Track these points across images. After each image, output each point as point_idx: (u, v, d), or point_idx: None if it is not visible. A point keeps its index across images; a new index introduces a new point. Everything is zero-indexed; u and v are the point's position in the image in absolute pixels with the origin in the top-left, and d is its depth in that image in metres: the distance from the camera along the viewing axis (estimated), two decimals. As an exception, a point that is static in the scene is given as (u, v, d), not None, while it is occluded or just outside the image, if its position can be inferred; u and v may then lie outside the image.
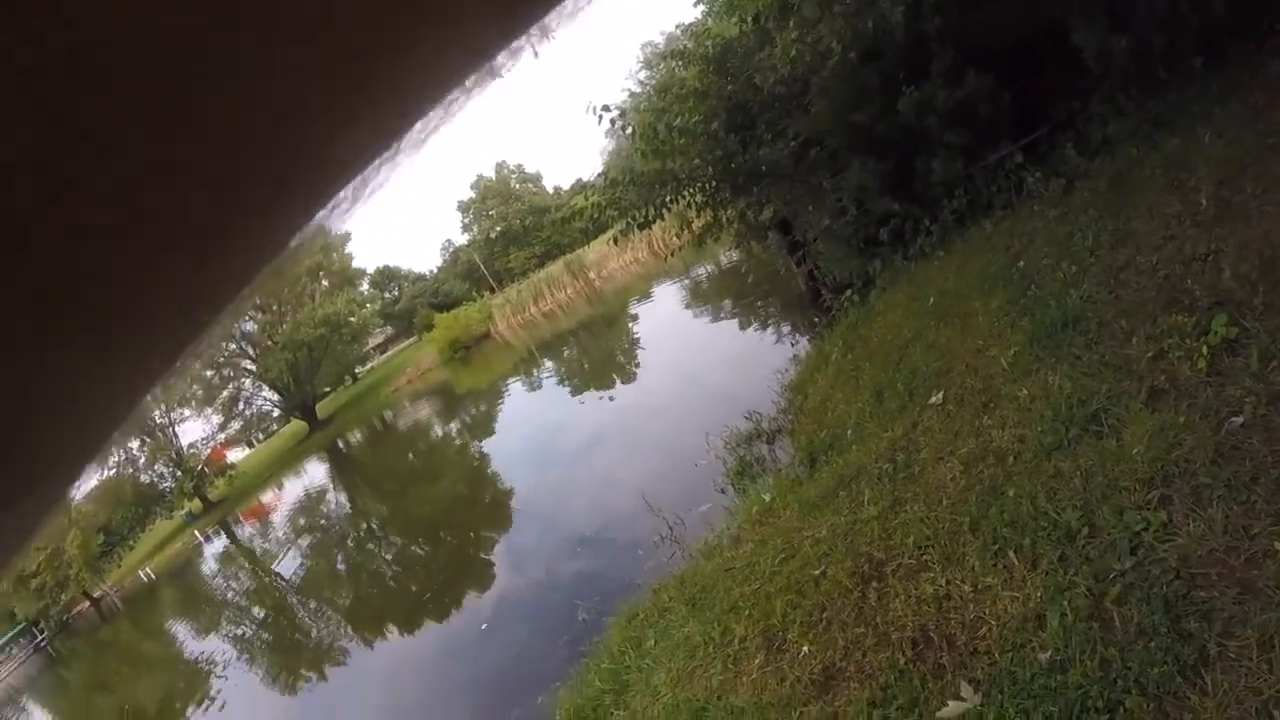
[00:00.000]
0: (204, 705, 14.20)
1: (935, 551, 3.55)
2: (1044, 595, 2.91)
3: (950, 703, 2.82)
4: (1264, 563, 2.56)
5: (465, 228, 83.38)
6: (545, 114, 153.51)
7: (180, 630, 26.39)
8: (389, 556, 16.63)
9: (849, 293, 8.87)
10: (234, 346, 67.30)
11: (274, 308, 65.75)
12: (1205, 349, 3.47)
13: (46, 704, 32.09)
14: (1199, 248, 4.18)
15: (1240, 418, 3.07)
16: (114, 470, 60.73)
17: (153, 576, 49.23)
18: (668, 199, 9.75)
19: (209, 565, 37.73)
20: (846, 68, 7.99)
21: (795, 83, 8.85)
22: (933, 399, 5.06)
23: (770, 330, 13.59)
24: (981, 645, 2.96)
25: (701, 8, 13.30)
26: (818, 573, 4.06)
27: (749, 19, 10.11)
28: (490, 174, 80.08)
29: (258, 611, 20.13)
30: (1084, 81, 7.05)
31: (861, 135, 8.05)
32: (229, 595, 25.79)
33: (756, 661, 3.82)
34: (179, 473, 61.72)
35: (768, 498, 5.83)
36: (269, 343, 65.29)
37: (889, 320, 7.16)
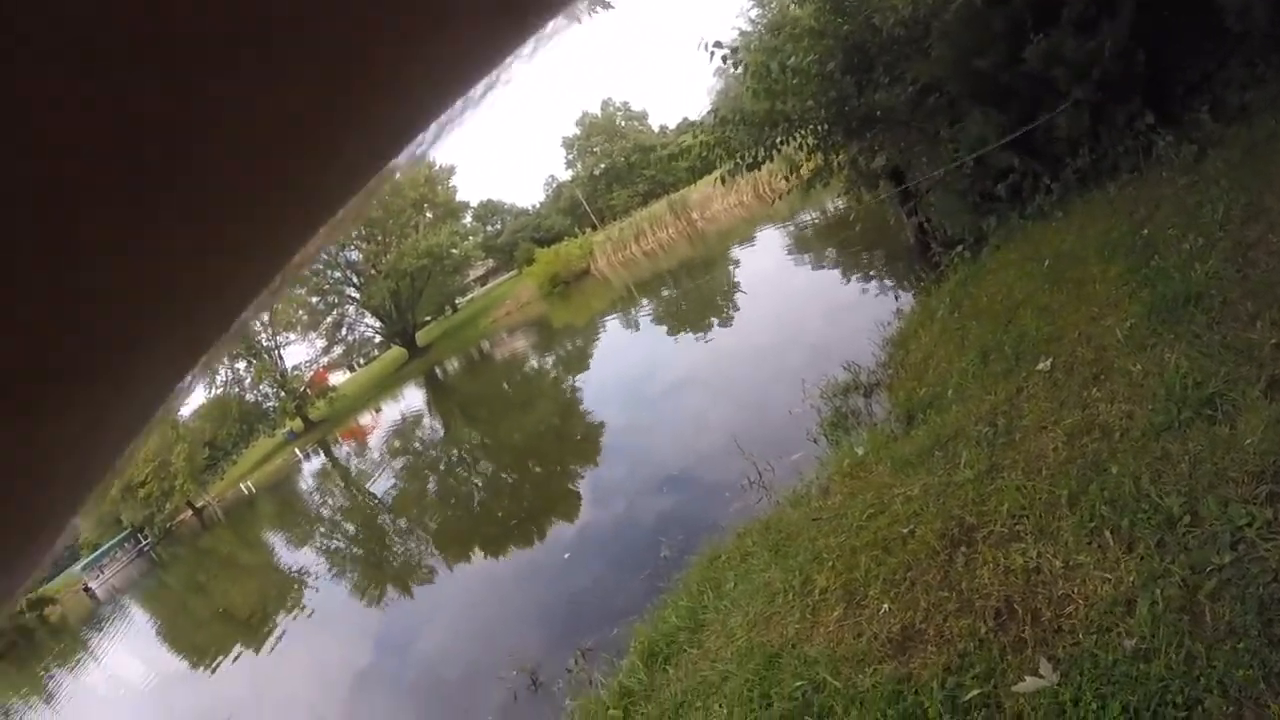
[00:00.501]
0: (294, 613, 15.02)
1: (1029, 522, 3.50)
2: (1137, 580, 2.85)
3: (1028, 678, 2.80)
4: (1366, 577, 2.47)
5: (569, 164, 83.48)
6: (653, 51, 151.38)
7: (276, 541, 27.82)
8: (479, 482, 17.13)
9: (960, 248, 8.61)
10: (338, 274, 69.55)
11: (378, 238, 67.48)
12: (1335, 342, 3.30)
13: (146, 604, 34.25)
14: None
15: (1364, 420, 2.93)
16: (221, 388, 64.05)
17: (253, 490, 51.91)
18: (778, 140, 9.58)
19: (306, 482, 39.51)
20: (971, 11, 7.66)
21: (916, 25, 8.54)
22: (1040, 365, 4.92)
23: (874, 282, 13.32)
24: (1066, 624, 2.92)
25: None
26: (906, 531, 4.04)
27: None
28: (596, 111, 79.70)
29: (350, 528, 21.03)
30: (1223, 42, 6.61)
31: (983, 84, 7.74)
32: (324, 511, 26.99)
33: (835, 614, 3.85)
34: (282, 392, 64.55)
35: (861, 451, 5.80)
36: (373, 271, 67.21)
37: (1000, 280, 6.95)
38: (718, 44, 9.74)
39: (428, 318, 79.04)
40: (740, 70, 9.73)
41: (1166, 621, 2.65)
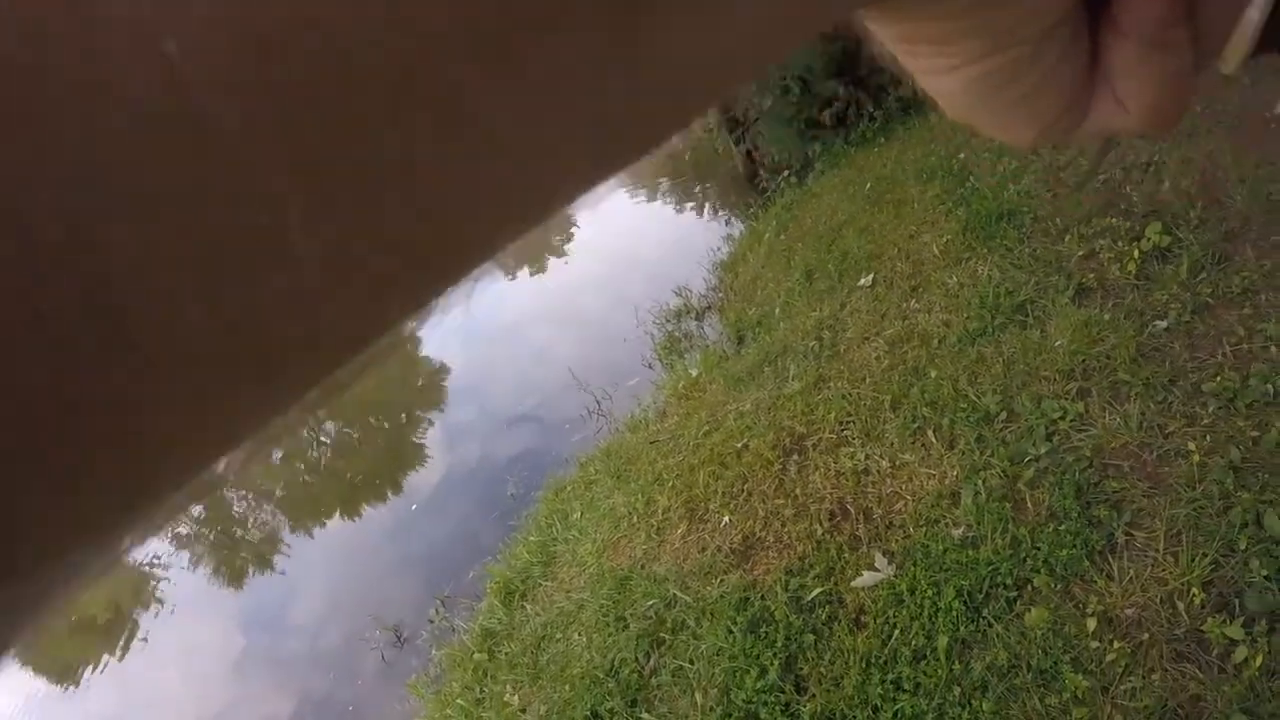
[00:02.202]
0: (154, 610, 14.03)
1: (855, 428, 3.60)
2: (960, 474, 2.99)
3: (865, 573, 2.91)
4: (1175, 461, 2.66)
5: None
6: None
7: None
8: (322, 442, 16.46)
9: (787, 174, 8.76)
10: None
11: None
12: (1137, 254, 3.51)
13: None
14: (1141, 158, 4.18)
15: (1164, 322, 3.15)
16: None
17: None
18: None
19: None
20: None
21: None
22: (862, 281, 5.06)
23: (705, 211, 13.47)
24: (897, 519, 3.04)
25: None
26: (740, 445, 4.10)
27: None
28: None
29: (194, 509, 19.82)
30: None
31: (810, 13, 7.83)
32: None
33: (679, 531, 3.89)
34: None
35: (694, 372, 5.84)
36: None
37: (825, 203, 7.10)
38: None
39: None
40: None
41: (990, 510, 2.79)
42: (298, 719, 7.40)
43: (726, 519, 3.70)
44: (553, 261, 17.99)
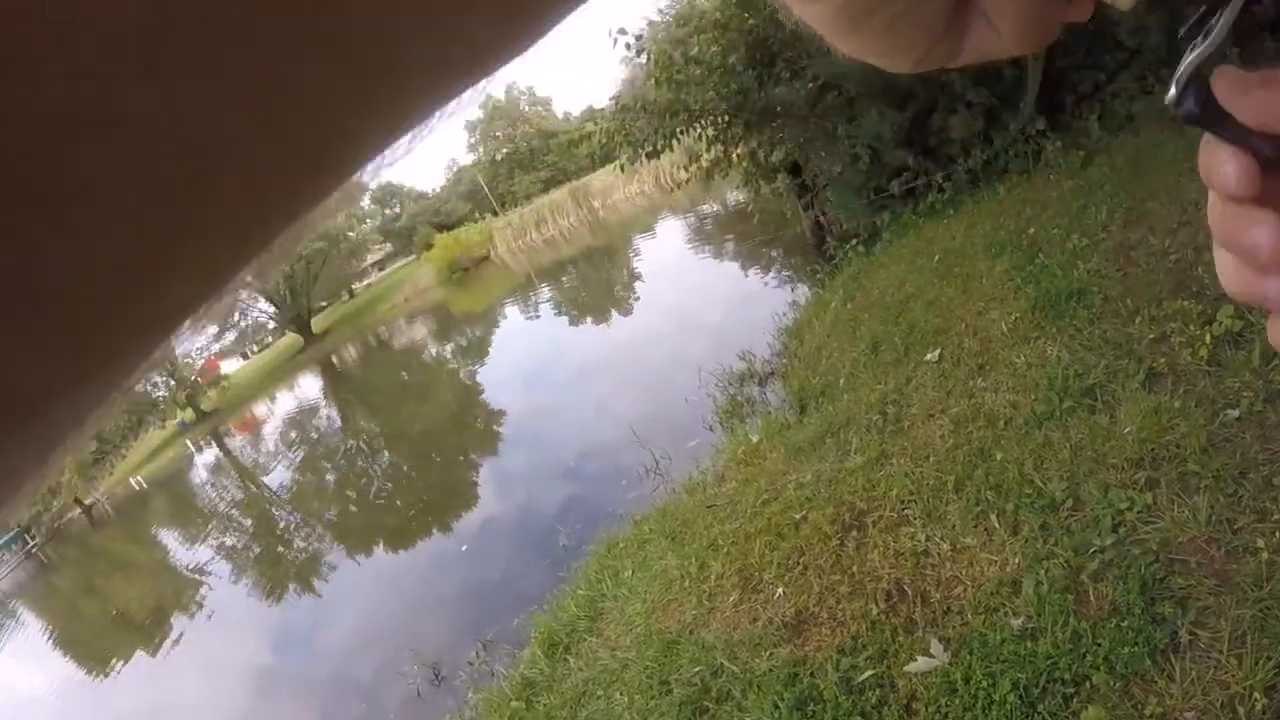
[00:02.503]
0: (193, 614, 14.40)
1: (917, 507, 3.57)
2: (1022, 562, 2.94)
3: (919, 658, 2.85)
4: (1244, 557, 2.58)
5: (471, 148, 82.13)
6: (561, 38, 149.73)
7: (169, 538, 26.64)
8: (377, 474, 16.74)
9: (855, 243, 8.79)
10: (230, 256, 67.02)
11: (273, 219, 65.21)
12: (1208, 338, 3.46)
13: (37, 609, 32.48)
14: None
15: (1236, 411, 3.08)
16: (109, 379, 60.93)
17: (144, 485, 49.53)
18: (678, 130, 9.58)
19: (199, 475, 37.97)
20: (872, 9, 7.82)
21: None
22: (929, 356, 5.04)
23: (771, 274, 13.51)
24: (955, 605, 2.99)
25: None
26: (799, 517, 4.08)
27: (774, -52, 9.85)
28: (500, 95, 78.67)
29: (246, 523, 20.30)
30: (1116, 56, 6.91)
31: (882, 83, 7.89)
32: (218, 505, 25.96)
33: (731, 599, 3.87)
34: (172, 381, 61.87)
35: (755, 438, 5.85)
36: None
37: (892, 274, 7.11)
38: (622, 31, 9.71)
39: (323, 303, 76.80)
40: (644, 59, 9.70)
41: (1051, 601, 2.73)
42: None
43: (780, 591, 3.67)
44: (617, 315, 18.23)
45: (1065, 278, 4.72)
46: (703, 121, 9.69)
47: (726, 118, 9.52)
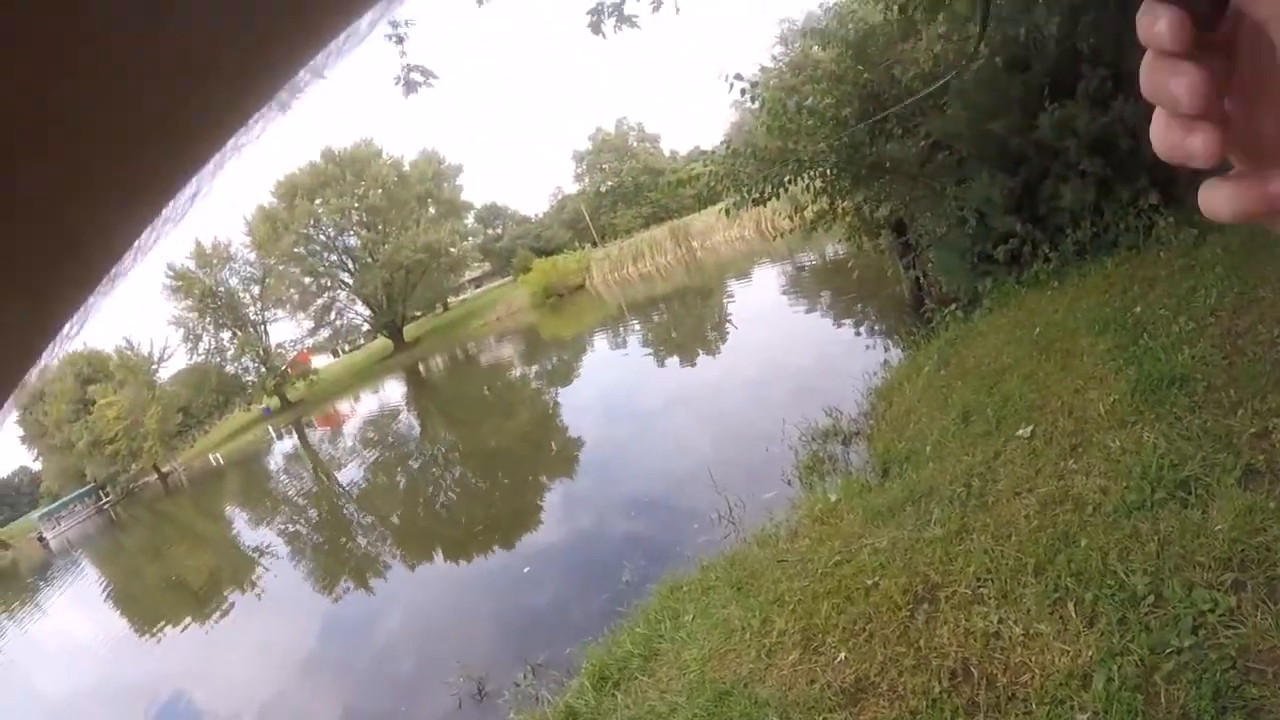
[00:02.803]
0: (246, 591, 14.92)
1: (993, 586, 3.49)
2: (1095, 655, 2.84)
3: (979, 742, 2.79)
4: (1324, 672, 2.47)
5: (577, 178, 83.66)
6: (674, 77, 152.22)
7: (237, 517, 27.69)
8: (448, 484, 17.05)
9: (954, 307, 8.65)
10: (334, 258, 69.57)
11: (379, 226, 67.47)
12: (1312, 436, 3.32)
13: (99, 562, 33.97)
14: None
15: (1333, 517, 2.94)
16: (202, 356, 63.94)
17: (221, 462, 51.90)
18: (786, 179, 9.60)
19: (276, 461, 39.39)
20: (990, 73, 7.74)
21: (934, 81, 8.61)
22: (1021, 431, 4.93)
23: (864, 331, 13.38)
24: (1021, 692, 2.91)
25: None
26: (870, 583, 4.03)
27: (896, 7, 9.86)
28: (610, 128, 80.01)
29: (313, 514, 20.92)
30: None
31: (994, 146, 7.80)
32: (289, 493, 26.86)
33: (790, 658, 3.83)
34: (263, 368, 64.49)
35: (834, 498, 5.79)
36: (369, 259, 67.21)
37: (990, 343, 6.98)
38: (738, 76, 9.82)
39: (418, 313, 78.96)
40: (757, 105, 9.79)
41: (1121, 699, 2.64)
42: None
43: (842, 655, 3.62)
44: (704, 356, 18.26)
45: (1169, 362, 4.57)
46: (811, 172, 9.70)
47: (835, 170, 9.53)
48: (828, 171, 9.64)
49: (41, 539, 57.42)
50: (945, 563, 3.85)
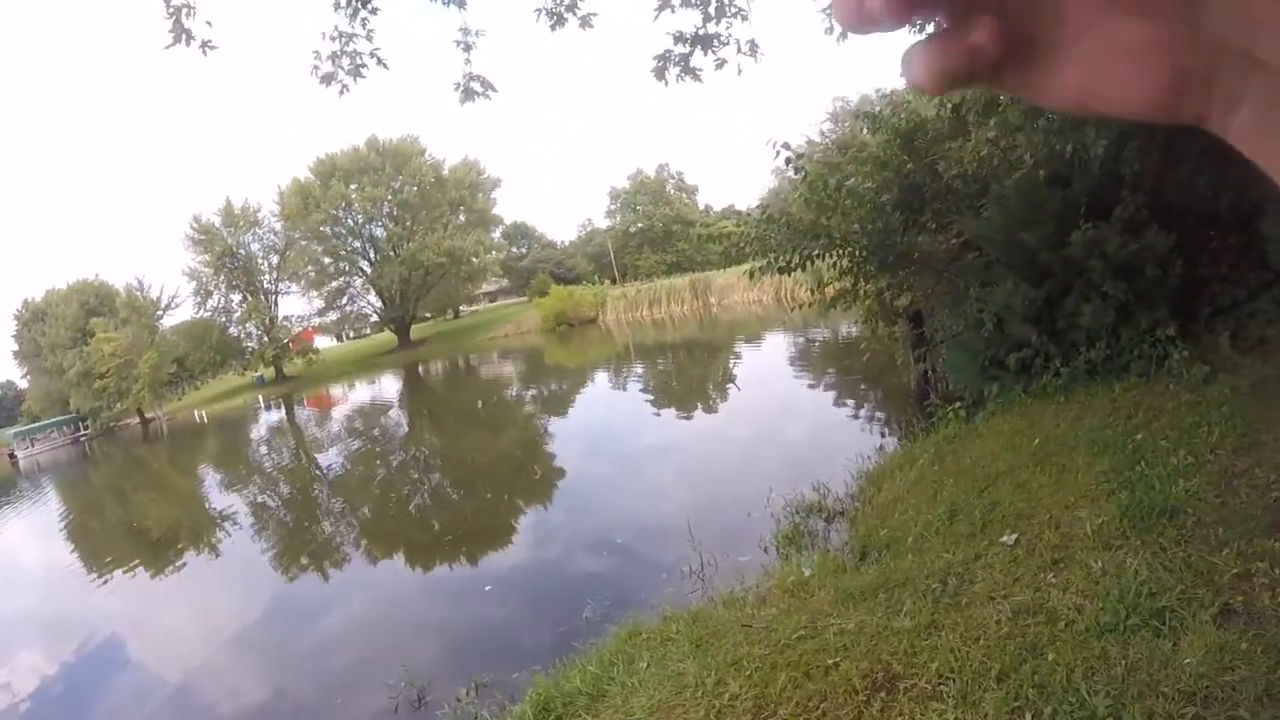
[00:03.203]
0: (201, 550, 14.88)
1: (954, 685, 3.45)
2: (1048, 770, 2.81)
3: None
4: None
5: (609, 214, 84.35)
6: (720, 133, 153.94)
7: (209, 476, 27.60)
8: (425, 488, 16.98)
9: (958, 405, 8.66)
10: (358, 244, 70.06)
11: (407, 223, 67.95)
12: (1292, 585, 3.31)
13: (64, 491, 33.88)
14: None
15: (1300, 665, 2.92)
16: (209, 313, 64.21)
17: (205, 419, 52.10)
18: (815, 253, 9.66)
19: (259, 431, 39.43)
20: (1031, 183, 7.83)
21: (975, 182, 8.72)
22: (1005, 537, 4.91)
23: (864, 414, 13.39)
24: (968, 796, 2.87)
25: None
26: (831, 662, 3.99)
27: (950, 105, 10.01)
28: (650, 172, 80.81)
29: (284, 489, 20.87)
30: (1261, 275, 6.76)
31: (1024, 255, 7.86)
32: (265, 464, 26.80)
33: (740, 723, 3.78)
34: (266, 337, 64.76)
35: (808, 572, 5.75)
36: (391, 253, 67.61)
37: (987, 446, 6.98)
38: (786, 145, 9.95)
39: (428, 314, 79.43)
40: (798, 176, 9.89)
41: (1066, 820, 2.60)
42: (266, 714, 7.41)
43: (794, 730, 3.57)
44: (700, 411, 18.26)
45: (1162, 492, 4.56)
46: (840, 250, 9.78)
47: (864, 252, 9.59)
48: (856, 252, 9.71)
49: (12, 456, 57.67)
50: (910, 655, 3.82)
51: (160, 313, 64.14)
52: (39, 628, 12.45)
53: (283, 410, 46.99)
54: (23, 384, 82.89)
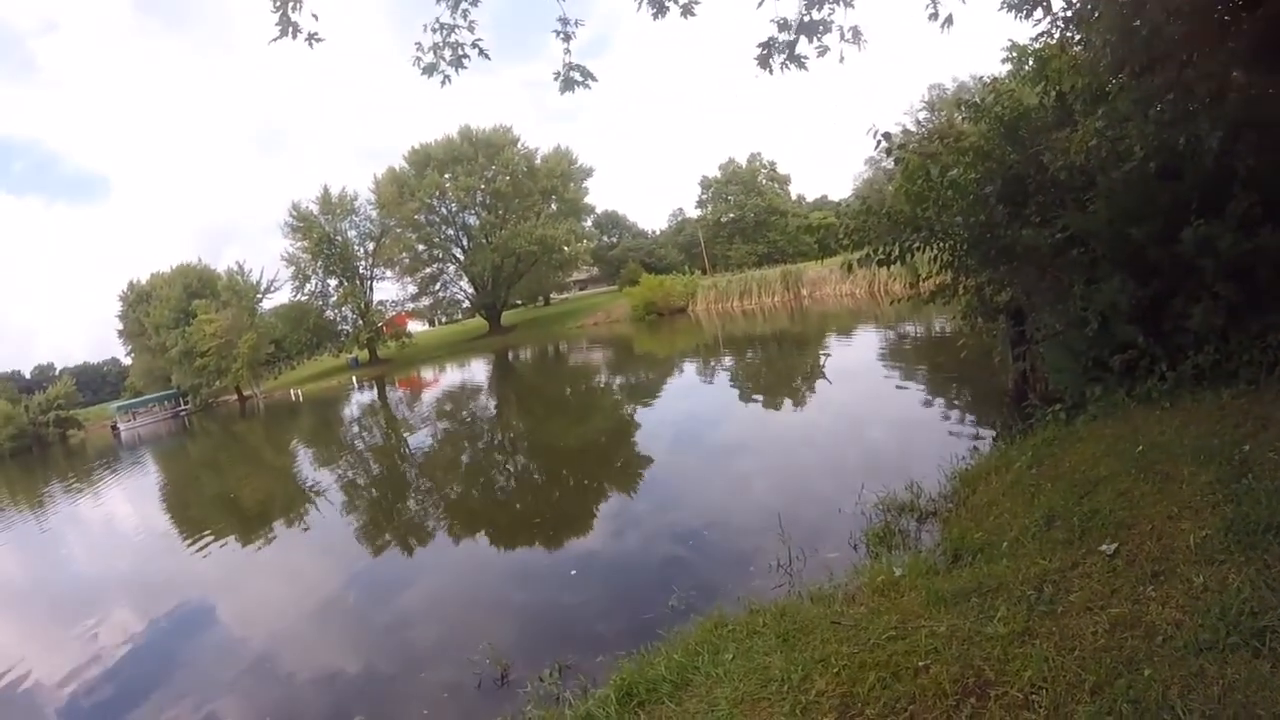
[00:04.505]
0: (292, 523, 15.50)
1: (1046, 695, 3.43)
2: (1138, 788, 2.78)
3: None
4: None
5: (700, 204, 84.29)
6: (813, 121, 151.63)
7: (303, 453, 28.62)
8: (511, 471, 17.31)
9: (1058, 407, 8.44)
10: (451, 232, 71.62)
11: (500, 211, 69.21)
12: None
13: (162, 462, 35.48)
14: None
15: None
16: (306, 296, 66.65)
17: (300, 398, 54.22)
18: (916, 245, 9.52)
19: (352, 410, 40.73)
20: (1141, 177, 7.56)
21: (1082, 175, 8.45)
22: (1104, 547, 4.82)
23: (957, 413, 13.13)
24: (1057, 806, 2.86)
25: (1008, 67, 12.89)
26: (921, 664, 4.00)
27: (1055, 93, 9.73)
28: (742, 161, 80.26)
29: (375, 468, 21.51)
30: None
31: (1131, 252, 7.61)
32: (357, 443, 27.64)
33: (826, 720, 3.82)
34: (360, 321, 66.98)
35: (898, 572, 5.74)
36: (484, 241, 69.06)
37: (1088, 450, 6.81)
38: (886, 135, 9.82)
39: (519, 301, 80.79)
40: (897, 166, 9.74)
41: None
42: (352, 683, 7.63)
43: (881, 731, 3.60)
44: (789, 404, 18.14)
45: (1269, 507, 4.39)
46: (940, 243, 9.62)
47: (965, 246, 9.42)
48: (957, 246, 9.54)
49: (114, 428, 61.10)
50: (1002, 662, 3.81)
51: (260, 296, 66.99)
52: (134, 591, 13.18)
53: (375, 391, 48.46)
54: (127, 361, 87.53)
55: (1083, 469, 6.41)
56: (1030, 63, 11.39)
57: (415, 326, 77.67)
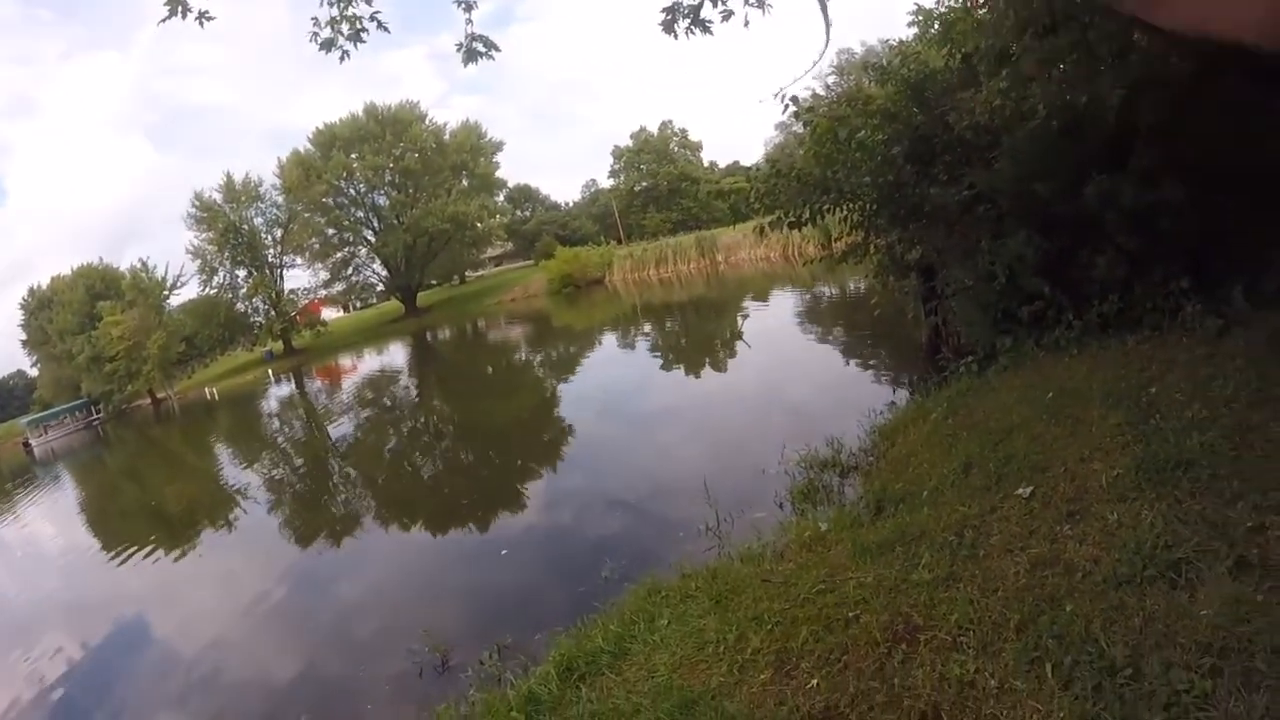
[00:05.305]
0: (218, 526, 15.07)
1: (973, 636, 3.51)
2: (1067, 717, 2.86)
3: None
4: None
5: (613, 174, 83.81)
6: (721, 88, 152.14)
7: (223, 453, 27.84)
8: (437, 454, 17.12)
9: (970, 359, 8.66)
10: (361, 214, 69.92)
11: (409, 190, 67.74)
12: (1310, 538, 3.33)
13: (79, 475, 34.15)
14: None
15: (1318, 619, 2.95)
16: (215, 290, 64.38)
17: (216, 397, 52.57)
18: (826, 207, 9.62)
19: (269, 405, 39.76)
20: (1044, 134, 7.74)
21: (987, 134, 8.62)
22: (1020, 490, 4.95)
23: (874, 370, 13.40)
24: (990, 743, 2.93)
25: (914, 30, 13.07)
26: (851, 615, 4.06)
27: (960, 55, 9.89)
28: (654, 129, 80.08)
29: (298, 461, 21.07)
30: (1276, 229, 6.69)
31: (1036, 207, 7.80)
32: (278, 438, 27.00)
33: (762, 677, 3.86)
34: (273, 311, 64.95)
35: (824, 527, 5.83)
36: (395, 221, 67.55)
37: (1001, 399, 6.99)
38: (794, 99, 9.86)
39: (434, 281, 79.39)
40: (806, 130, 9.80)
41: (1087, 764, 2.66)
42: (295, 685, 7.48)
43: (815, 682, 3.64)
44: (709, 369, 18.29)
45: (1176, 445, 4.57)
46: (850, 204, 9.73)
47: (875, 205, 9.55)
48: (867, 206, 9.66)
49: (26, 445, 58.11)
50: (929, 606, 3.88)
51: (167, 293, 64.32)
52: (64, 612, 12.60)
53: (293, 383, 47.26)
54: (33, 373, 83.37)
55: (997, 417, 6.58)
56: (936, 26, 11.56)
57: (330, 314, 75.55)
